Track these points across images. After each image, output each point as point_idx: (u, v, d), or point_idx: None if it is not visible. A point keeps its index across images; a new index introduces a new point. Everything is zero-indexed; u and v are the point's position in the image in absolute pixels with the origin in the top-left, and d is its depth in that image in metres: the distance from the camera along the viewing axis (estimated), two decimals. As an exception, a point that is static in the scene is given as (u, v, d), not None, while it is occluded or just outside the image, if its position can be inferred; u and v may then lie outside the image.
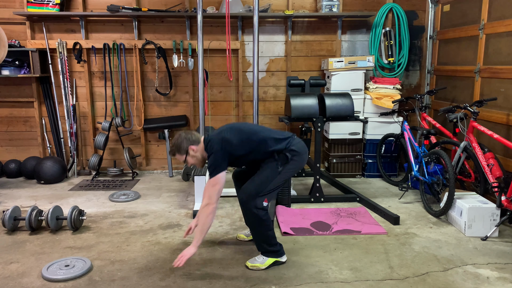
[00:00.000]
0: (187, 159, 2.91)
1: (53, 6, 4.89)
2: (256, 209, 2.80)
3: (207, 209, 2.71)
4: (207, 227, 2.73)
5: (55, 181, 4.94)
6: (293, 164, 2.90)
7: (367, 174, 5.21)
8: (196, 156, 2.90)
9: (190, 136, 2.89)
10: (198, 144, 2.88)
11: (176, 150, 2.89)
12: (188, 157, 2.89)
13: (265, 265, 2.88)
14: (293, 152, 2.88)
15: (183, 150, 2.87)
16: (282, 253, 2.95)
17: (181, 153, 2.88)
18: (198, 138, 2.90)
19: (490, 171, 3.59)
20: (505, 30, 3.85)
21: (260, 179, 2.85)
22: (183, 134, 2.90)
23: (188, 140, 2.86)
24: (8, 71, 4.98)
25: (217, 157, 2.76)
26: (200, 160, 2.93)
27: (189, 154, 2.88)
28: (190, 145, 2.86)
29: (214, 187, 2.73)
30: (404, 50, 5.27)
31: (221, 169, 2.76)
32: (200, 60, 4.26)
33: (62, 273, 2.77)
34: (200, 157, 2.91)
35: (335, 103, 4.09)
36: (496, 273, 2.82)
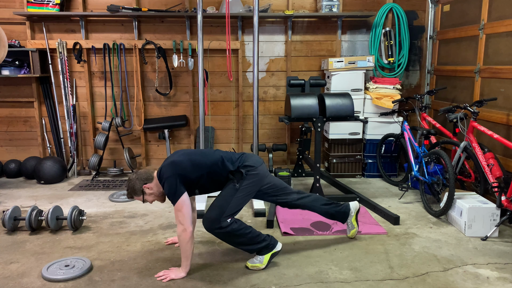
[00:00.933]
0: (145, 199, 2.87)
1: (53, 6, 4.90)
2: (222, 229, 2.77)
3: (185, 236, 2.69)
4: (190, 253, 2.75)
5: (55, 181, 4.94)
6: (250, 179, 2.85)
7: (367, 174, 5.21)
8: (153, 193, 2.86)
9: (141, 175, 2.85)
10: (152, 181, 2.84)
11: (132, 193, 2.86)
12: (145, 196, 2.86)
13: (264, 263, 2.88)
14: (247, 168, 2.85)
15: (138, 191, 2.84)
16: (274, 244, 2.94)
17: (137, 194, 2.85)
18: (150, 175, 2.85)
19: (490, 171, 3.59)
20: (505, 30, 3.85)
21: (219, 202, 2.81)
22: (134, 175, 2.87)
23: (140, 180, 2.83)
24: (8, 71, 4.98)
25: (171, 182, 2.71)
26: (158, 195, 2.88)
27: (145, 193, 2.84)
28: (143, 185, 2.82)
29: (181, 211, 2.70)
30: (404, 50, 5.27)
31: (180, 193, 2.70)
32: (200, 60, 4.26)
33: (62, 273, 2.77)
34: (157, 192, 2.86)
35: (335, 103, 4.09)
36: (496, 273, 2.82)
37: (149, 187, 2.84)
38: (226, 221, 2.77)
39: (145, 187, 2.83)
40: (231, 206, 2.80)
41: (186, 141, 5.47)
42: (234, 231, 2.79)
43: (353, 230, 3.32)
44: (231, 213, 2.80)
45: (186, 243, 2.71)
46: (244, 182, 2.84)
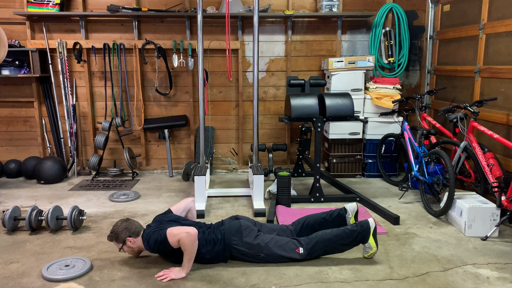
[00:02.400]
0: (123, 248, 2.92)
1: (53, 6, 4.90)
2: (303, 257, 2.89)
3: (190, 238, 2.70)
4: (193, 255, 2.77)
5: (55, 181, 4.94)
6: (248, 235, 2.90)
7: (367, 174, 5.21)
8: (133, 248, 2.92)
9: (131, 226, 2.90)
10: (137, 237, 2.89)
11: (113, 237, 2.90)
12: (124, 246, 2.90)
13: (373, 246, 2.92)
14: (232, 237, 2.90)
15: (120, 240, 2.88)
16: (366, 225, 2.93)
17: (118, 241, 2.89)
18: (139, 231, 2.91)
19: (490, 171, 3.59)
20: (505, 30, 3.85)
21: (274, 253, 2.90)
22: (125, 223, 2.91)
23: (128, 231, 2.88)
24: (8, 71, 4.98)
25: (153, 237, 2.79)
26: (135, 251, 2.96)
27: (126, 244, 2.89)
28: (128, 237, 2.87)
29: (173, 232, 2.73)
30: (404, 50, 5.27)
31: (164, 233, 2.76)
32: (200, 60, 4.27)
33: (62, 273, 2.77)
34: (136, 249, 2.93)
35: (335, 103, 4.09)
36: (496, 273, 2.82)
37: (132, 241, 2.89)
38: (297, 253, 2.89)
39: (128, 239, 2.88)
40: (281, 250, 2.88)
41: (186, 141, 5.47)
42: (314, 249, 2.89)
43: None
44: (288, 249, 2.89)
45: (190, 245, 2.72)
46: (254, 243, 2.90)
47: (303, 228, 3.10)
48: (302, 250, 2.88)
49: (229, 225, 2.96)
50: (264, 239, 2.90)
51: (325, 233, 2.95)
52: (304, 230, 3.09)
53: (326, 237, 2.92)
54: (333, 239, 2.91)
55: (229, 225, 2.96)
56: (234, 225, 2.95)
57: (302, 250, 2.88)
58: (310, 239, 2.92)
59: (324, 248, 2.92)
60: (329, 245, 2.92)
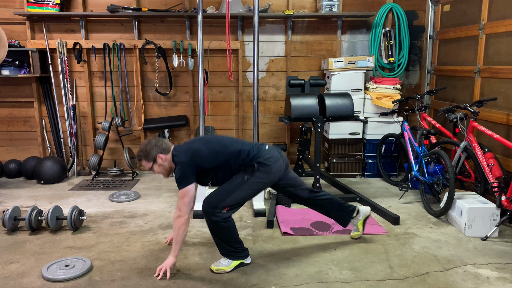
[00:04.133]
0: (153, 167, 2.82)
1: (53, 6, 4.90)
2: (216, 216, 2.76)
3: (178, 222, 2.72)
4: (180, 239, 2.74)
5: (55, 181, 4.94)
6: (261, 175, 2.81)
7: (367, 174, 5.21)
8: (164, 165, 2.82)
9: (161, 143, 2.80)
10: (168, 153, 2.80)
11: (143, 156, 2.79)
12: (155, 165, 2.80)
13: (230, 267, 2.86)
14: (261, 164, 2.80)
15: (151, 158, 2.78)
16: (246, 255, 2.93)
17: (148, 160, 2.79)
18: (169, 147, 2.82)
19: (490, 171, 3.59)
20: (505, 30, 3.85)
21: (224, 189, 2.82)
22: (154, 140, 2.82)
23: (158, 148, 2.78)
24: (8, 71, 4.98)
25: (184, 169, 2.71)
26: (167, 170, 2.85)
27: (157, 162, 2.79)
28: (159, 153, 2.77)
29: (183, 199, 2.71)
30: (404, 50, 5.27)
31: (189, 182, 2.71)
32: (200, 60, 4.26)
33: (62, 273, 2.77)
34: (167, 167, 2.83)
35: (335, 103, 4.09)
36: (496, 273, 2.82)
37: (163, 158, 2.78)
38: (222, 212, 2.76)
39: (159, 156, 2.77)
40: (234, 198, 2.78)
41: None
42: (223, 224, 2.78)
43: (357, 233, 3.33)
44: (231, 205, 2.79)
45: (179, 229, 2.72)
46: (254, 176, 2.81)
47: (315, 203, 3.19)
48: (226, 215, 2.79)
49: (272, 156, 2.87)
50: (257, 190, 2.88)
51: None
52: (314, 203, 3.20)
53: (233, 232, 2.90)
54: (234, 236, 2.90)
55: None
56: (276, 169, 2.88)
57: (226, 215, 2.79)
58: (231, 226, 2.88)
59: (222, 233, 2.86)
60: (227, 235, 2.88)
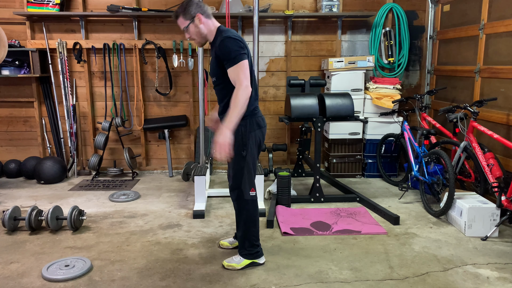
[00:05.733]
0: (188, 28, 2.59)
1: (53, 6, 4.90)
2: (245, 200, 2.77)
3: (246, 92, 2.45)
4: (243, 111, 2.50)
5: (55, 181, 4.94)
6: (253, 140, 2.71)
7: (367, 174, 5.21)
8: (200, 29, 2.58)
9: (203, 5, 2.57)
10: (209, 18, 2.59)
11: (181, 11, 2.57)
12: (191, 25, 2.57)
13: (241, 265, 2.86)
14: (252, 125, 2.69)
15: (189, 15, 2.55)
16: (260, 255, 2.93)
17: (186, 17, 2.57)
18: (211, 14, 2.61)
19: (490, 171, 3.59)
20: (505, 30, 3.85)
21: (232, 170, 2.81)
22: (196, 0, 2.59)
23: (199, 7, 2.55)
24: (8, 71, 4.98)
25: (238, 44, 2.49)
26: (201, 36, 2.62)
27: (194, 22, 2.56)
28: (199, 13, 2.55)
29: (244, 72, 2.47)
30: (404, 50, 5.27)
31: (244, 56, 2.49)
32: (200, 60, 4.27)
33: (62, 273, 2.77)
34: (204, 32, 2.61)
35: (335, 103, 4.10)
36: (496, 273, 2.82)
37: (202, 20, 2.57)
38: (249, 193, 2.78)
39: (199, 16, 2.55)
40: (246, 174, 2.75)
41: (186, 141, 5.47)
42: (251, 210, 2.79)
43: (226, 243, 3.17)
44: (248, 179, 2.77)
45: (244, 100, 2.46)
46: (249, 145, 2.71)
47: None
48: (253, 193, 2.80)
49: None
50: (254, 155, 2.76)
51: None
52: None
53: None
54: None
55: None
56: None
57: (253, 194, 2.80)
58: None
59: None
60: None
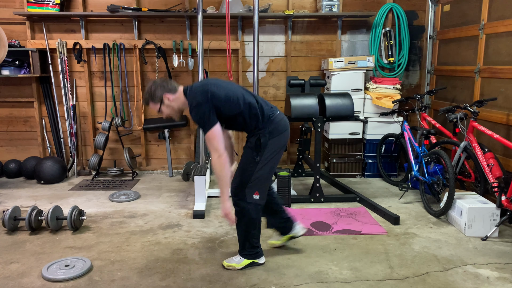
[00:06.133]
0: (161, 109, 2.73)
1: (53, 6, 4.89)
2: (246, 203, 2.73)
3: (221, 161, 2.58)
4: (228, 179, 2.65)
5: (55, 181, 4.94)
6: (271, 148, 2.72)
7: (367, 174, 5.21)
8: (172, 106, 2.72)
9: (166, 83, 2.70)
10: (175, 93, 2.71)
11: (149, 98, 2.70)
12: (162, 106, 2.72)
13: (241, 265, 2.86)
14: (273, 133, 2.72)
15: (157, 98, 2.68)
16: (260, 255, 2.92)
17: (155, 101, 2.70)
18: (175, 87, 2.72)
19: (490, 171, 3.59)
20: (505, 30, 3.85)
21: (240, 171, 2.78)
22: (158, 81, 2.72)
23: (163, 88, 2.68)
24: (8, 71, 4.98)
25: (204, 109, 2.58)
26: (176, 111, 2.76)
27: (164, 103, 2.70)
28: (165, 93, 2.68)
29: (215, 139, 2.59)
30: (404, 50, 5.27)
31: (214, 122, 2.59)
32: (200, 60, 4.27)
33: (62, 273, 2.77)
34: (176, 107, 2.74)
35: (335, 103, 4.09)
36: (496, 273, 2.82)
37: (170, 98, 2.70)
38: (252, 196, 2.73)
39: (166, 96, 2.69)
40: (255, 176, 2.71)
41: (186, 141, 5.47)
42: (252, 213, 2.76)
43: (274, 241, 3.18)
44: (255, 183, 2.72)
45: (222, 169, 2.59)
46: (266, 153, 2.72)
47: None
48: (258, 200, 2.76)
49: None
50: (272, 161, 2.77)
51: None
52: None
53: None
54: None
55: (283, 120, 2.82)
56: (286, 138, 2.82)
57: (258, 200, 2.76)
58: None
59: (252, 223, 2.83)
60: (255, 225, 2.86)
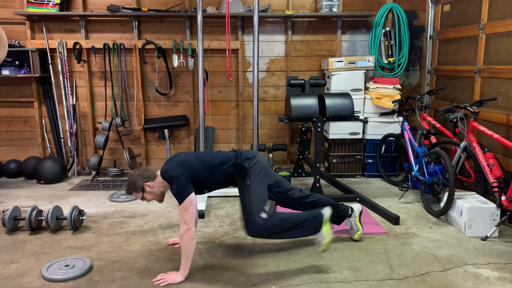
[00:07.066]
0: (144, 197, 2.86)
1: (53, 6, 4.90)
2: (261, 226, 2.78)
3: (188, 236, 2.68)
4: (191, 254, 2.72)
5: (55, 181, 4.94)
6: (255, 169, 2.89)
7: (367, 174, 5.21)
8: (154, 192, 2.86)
9: (145, 172, 2.84)
10: (154, 179, 2.83)
11: (132, 189, 2.84)
12: (145, 194, 2.85)
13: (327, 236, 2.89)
14: (247, 160, 2.91)
15: (139, 189, 2.82)
16: (320, 215, 2.92)
17: (137, 191, 2.84)
18: (154, 174, 2.85)
19: (490, 171, 3.59)
20: (505, 30, 3.85)
21: (243, 206, 2.87)
22: (137, 171, 2.86)
23: (142, 177, 2.82)
24: (8, 71, 4.98)
25: (180, 181, 2.72)
26: (158, 195, 2.90)
27: (146, 191, 2.84)
28: (145, 182, 2.81)
29: (188, 210, 2.70)
30: (404, 50, 5.27)
31: (188, 192, 2.72)
32: (200, 60, 4.27)
33: (62, 273, 2.77)
34: (158, 192, 2.87)
35: (335, 103, 4.09)
36: (496, 273, 2.82)
37: (150, 186, 2.83)
38: (261, 217, 2.77)
39: (146, 185, 2.82)
40: (255, 202, 2.80)
41: (186, 141, 5.47)
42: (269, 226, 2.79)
43: (358, 232, 3.28)
44: (259, 206, 2.80)
45: (188, 244, 2.69)
46: (252, 174, 2.87)
47: (308, 203, 3.12)
48: (265, 216, 2.79)
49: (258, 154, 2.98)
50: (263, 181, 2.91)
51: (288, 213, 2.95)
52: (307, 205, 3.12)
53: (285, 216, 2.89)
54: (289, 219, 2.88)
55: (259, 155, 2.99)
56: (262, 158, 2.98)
57: (264, 216, 2.79)
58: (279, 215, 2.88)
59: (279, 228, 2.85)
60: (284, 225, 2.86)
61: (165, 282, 2.68)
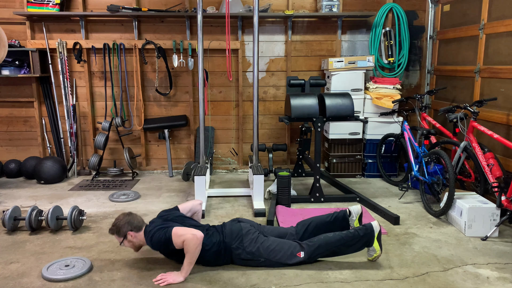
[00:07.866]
0: (123, 242, 2.89)
1: (53, 6, 4.90)
2: (306, 261, 2.86)
3: (195, 241, 2.69)
4: (195, 258, 2.74)
5: (55, 181, 4.94)
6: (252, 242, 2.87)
7: (367, 174, 5.21)
8: (133, 242, 2.89)
9: (133, 221, 2.88)
10: (139, 231, 2.87)
11: (115, 230, 2.87)
12: (125, 241, 2.88)
13: (378, 249, 2.89)
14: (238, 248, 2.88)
15: (121, 234, 2.85)
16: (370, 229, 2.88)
17: (119, 235, 2.87)
18: (141, 225, 2.89)
19: (490, 171, 3.59)
20: (505, 30, 3.85)
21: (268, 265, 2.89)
22: (127, 217, 2.88)
23: (129, 225, 2.85)
24: (8, 71, 4.98)
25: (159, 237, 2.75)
26: (135, 246, 2.93)
27: (127, 238, 2.87)
28: (129, 231, 2.84)
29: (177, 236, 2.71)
30: (404, 50, 5.27)
31: (169, 229, 2.74)
32: (200, 60, 4.27)
33: (62, 273, 2.77)
34: (137, 244, 2.91)
35: (335, 103, 4.09)
36: (496, 273, 2.82)
37: (133, 236, 2.86)
38: (297, 258, 2.85)
39: (130, 233, 2.85)
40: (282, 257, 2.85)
41: (186, 141, 5.47)
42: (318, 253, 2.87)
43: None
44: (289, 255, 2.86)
45: (195, 248, 2.69)
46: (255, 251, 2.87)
47: (307, 231, 3.06)
48: (303, 254, 2.85)
49: (230, 228, 2.95)
50: (265, 243, 2.87)
51: (327, 236, 2.90)
52: (308, 233, 3.05)
53: (328, 241, 2.87)
54: (336, 243, 2.86)
55: (230, 228, 2.95)
56: (235, 228, 2.93)
57: (303, 254, 2.85)
58: (312, 243, 2.89)
59: (325, 252, 2.89)
60: (331, 249, 2.87)
61: (165, 282, 2.68)
